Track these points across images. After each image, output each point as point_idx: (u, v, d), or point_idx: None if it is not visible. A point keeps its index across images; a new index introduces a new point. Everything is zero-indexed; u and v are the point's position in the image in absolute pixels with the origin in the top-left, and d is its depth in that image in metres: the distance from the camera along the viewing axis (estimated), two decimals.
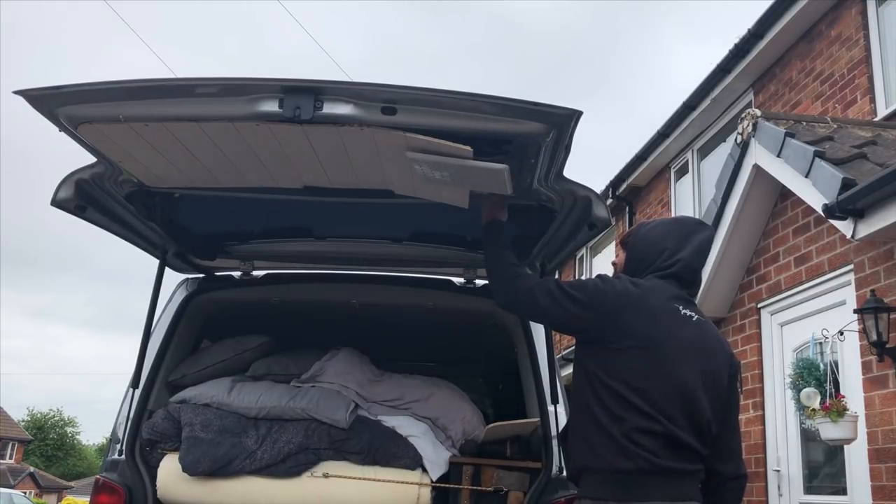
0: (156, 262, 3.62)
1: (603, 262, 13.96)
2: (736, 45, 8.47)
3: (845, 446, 5.00)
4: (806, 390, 4.84)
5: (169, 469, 3.25)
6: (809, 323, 5.60)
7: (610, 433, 2.33)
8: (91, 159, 2.77)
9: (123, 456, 3.25)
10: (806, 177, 5.10)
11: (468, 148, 2.41)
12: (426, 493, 3.26)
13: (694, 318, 2.48)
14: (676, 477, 2.33)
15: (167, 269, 3.69)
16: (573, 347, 2.61)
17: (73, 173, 2.85)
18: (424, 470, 3.30)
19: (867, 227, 4.61)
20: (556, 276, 2.81)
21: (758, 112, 5.97)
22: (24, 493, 40.51)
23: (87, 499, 5.41)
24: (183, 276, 3.92)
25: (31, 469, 49.49)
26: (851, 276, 5.17)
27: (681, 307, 2.47)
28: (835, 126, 5.81)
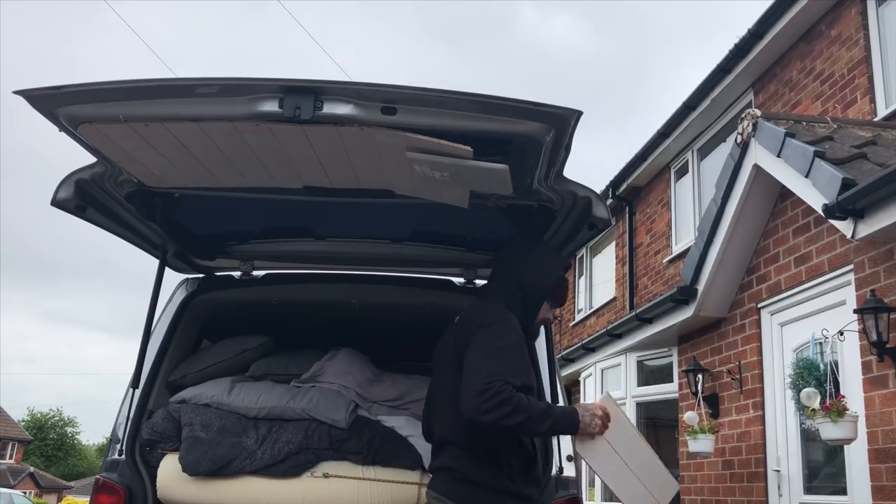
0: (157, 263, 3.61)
1: (603, 262, 13.95)
2: (736, 45, 8.48)
3: (845, 446, 5.00)
4: (806, 390, 4.83)
5: (169, 469, 3.25)
6: (809, 323, 5.60)
7: None
8: (91, 159, 2.77)
9: (123, 456, 3.24)
10: (806, 177, 5.10)
11: (468, 148, 2.40)
12: (426, 493, 3.26)
13: (456, 319, 2.77)
14: (436, 472, 2.69)
15: (167, 270, 3.68)
16: (573, 347, 2.69)
17: (73, 173, 2.85)
18: (424, 470, 3.30)
19: (867, 227, 4.61)
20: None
21: (758, 112, 5.97)
22: (24, 493, 40.52)
23: (87, 499, 5.41)
24: (183, 276, 3.92)
25: (31, 469, 49.51)
26: (851, 276, 5.17)
27: (458, 318, 2.77)
28: (835, 126, 5.80)
